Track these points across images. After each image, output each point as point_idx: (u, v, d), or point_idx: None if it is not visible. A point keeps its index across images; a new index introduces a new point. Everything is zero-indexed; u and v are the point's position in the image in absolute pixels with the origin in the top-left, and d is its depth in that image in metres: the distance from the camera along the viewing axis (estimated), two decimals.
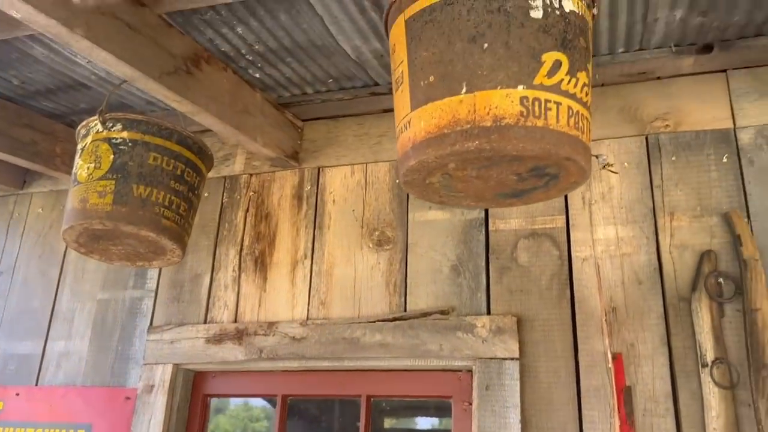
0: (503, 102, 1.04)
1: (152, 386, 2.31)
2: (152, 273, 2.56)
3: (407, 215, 2.31)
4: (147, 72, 1.83)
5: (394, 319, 2.14)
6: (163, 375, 2.31)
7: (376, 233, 2.32)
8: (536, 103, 1.03)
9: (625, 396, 1.84)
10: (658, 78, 2.17)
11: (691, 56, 2.06)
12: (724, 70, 2.12)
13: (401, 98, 1.18)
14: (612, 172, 1.96)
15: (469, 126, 1.02)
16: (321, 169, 2.49)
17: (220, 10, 1.89)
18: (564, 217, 2.13)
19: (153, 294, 2.52)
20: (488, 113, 1.03)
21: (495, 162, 1.09)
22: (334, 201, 2.42)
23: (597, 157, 1.60)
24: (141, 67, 1.81)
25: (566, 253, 2.08)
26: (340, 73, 2.26)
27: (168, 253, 2.08)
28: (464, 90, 1.05)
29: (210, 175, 2.55)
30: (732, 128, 2.05)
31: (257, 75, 2.26)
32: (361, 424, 2.14)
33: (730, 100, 2.09)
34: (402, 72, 1.17)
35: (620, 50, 2.07)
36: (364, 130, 2.47)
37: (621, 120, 2.17)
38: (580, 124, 1.09)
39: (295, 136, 2.52)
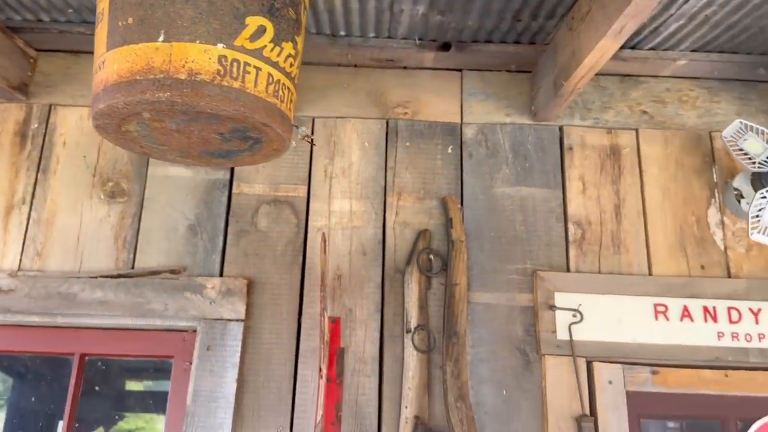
0: (201, 57, 1.04)
1: None
2: None
3: (147, 168, 2.20)
4: None
5: (119, 276, 2.04)
6: None
7: (110, 184, 2.18)
8: (235, 64, 1.05)
9: (338, 357, 1.98)
10: (404, 68, 2.34)
11: (432, 51, 2.25)
12: (460, 70, 2.35)
13: (100, 36, 1.11)
14: (310, 143, 2.09)
15: (162, 76, 1.00)
16: (53, 107, 2.25)
17: None
18: (306, 187, 2.20)
19: None
20: (184, 66, 1.02)
21: (193, 118, 1.08)
22: (64, 143, 2.21)
23: (297, 127, 1.67)
24: None
25: (304, 222, 2.16)
26: (81, 4, 2.06)
27: None
28: (162, 38, 1.03)
29: None
30: (459, 123, 2.29)
31: None
32: (71, 384, 2.01)
33: (461, 98, 2.32)
34: (104, 8, 1.10)
35: (371, 35, 2.19)
36: None
37: (368, 102, 2.30)
38: (281, 93, 1.13)
39: (25, 66, 2.24)
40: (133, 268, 2.07)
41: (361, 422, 1.95)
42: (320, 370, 1.67)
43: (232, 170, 2.20)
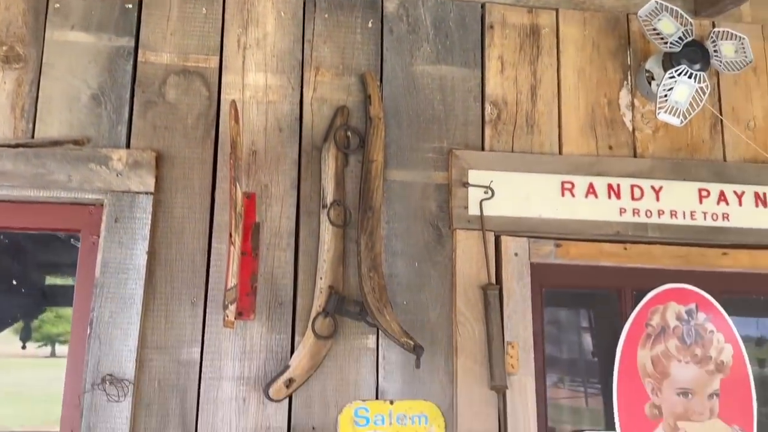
0: None
1: None
2: None
3: (44, 32, 2.04)
4: None
5: (17, 146, 1.92)
6: None
7: (4, 48, 2.02)
8: None
9: (253, 231, 1.97)
10: None
11: None
12: None
13: None
14: None
15: None
16: None
17: None
18: (218, 58, 2.11)
19: None
20: None
21: None
22: None
23: None
24: None
25: (216, 95, 2.08)
26: None
27: None
28: None
29: None
30: None
31: None
32: None
33: None
34: None
35: None
36: None
37: None
38: None
39: None
40: (33, 137, 1.96)
41: (276, 293, 1.98)
42: (230, 236, 1.66)
43: (137, 38, 2.07)
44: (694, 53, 2.09)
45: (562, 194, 2.14)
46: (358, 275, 1.95)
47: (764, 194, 2.20)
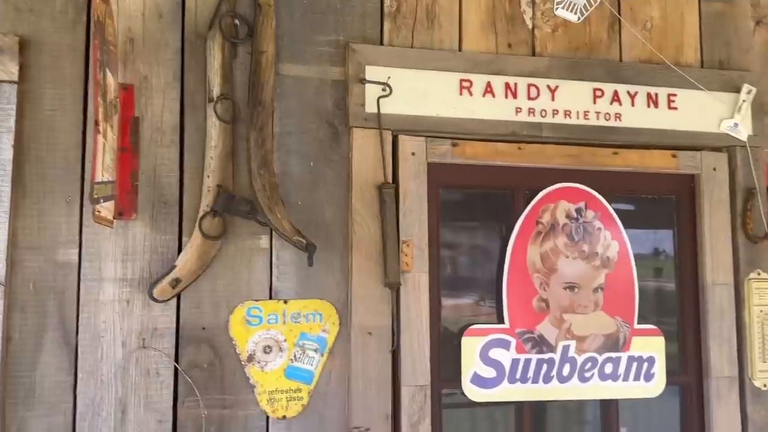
0: None
1: None
2: None
3: None
4: None
5: None
6: None
7: None
8: None
9: (132, 126, 1.84)
10: None
11: None
12: None
13: None
14: None
15: None
16: None
17: None
18: None
19: None
20: None
21: None
22: None
23: None
24: None
25: None
26: None
27: None
28: None
29: None
30: None
31: None
32: None
33: None
34: None
35: None
36: None
37: None
38: None
39: None
40: None
41: (161, 191, 1.88)
42: (96, 124, 1.53)
43: None
44: None
45: (461, 93, 2.10)
46: (247, 173, 1.87)
47: (656, 95, 2.25)
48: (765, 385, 2.25)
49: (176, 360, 1.85)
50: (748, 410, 2.23)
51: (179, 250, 1.87)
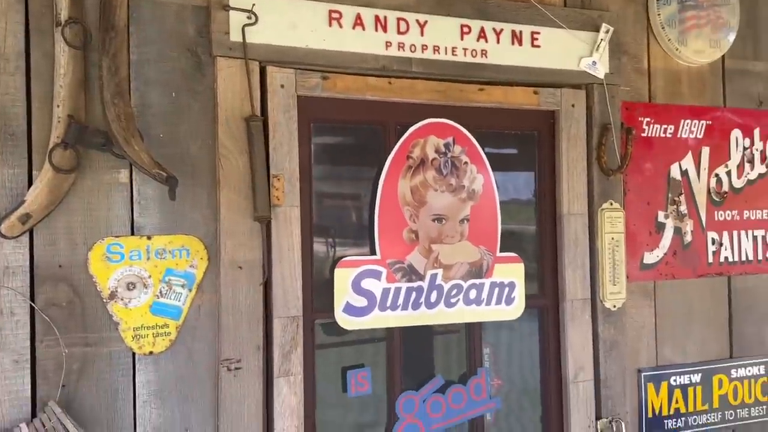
0: None
1: None
2: None
3: None
4: None
5: None
6: None
7: None
8: None
9: None
10: None
11: None
12: None
13: None
14: None
15: None
16: None
17: None
18: None
19: None
20: None
21: None
22: None
23: None
24: None
25: None
26: None
27: None
28: None
29: None
30: None
31: None
32: None
33: None
34: None
35: None
36: None
37: None
38: None
39: None
40: None
41: (6, 123, 1.75)
42: None
43: None
44: None
45: (330, 24, 2.08)
46: (101, 103, 1.78)
47: (520, 32, 2.32)
48: (614, 306, 2.46)
49: (32, 299, 1.78)
50: (599, 329, 2.45)
51: (30, 185, 1.77)
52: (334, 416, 2.19)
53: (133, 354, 1.88)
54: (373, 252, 2.20)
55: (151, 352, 1.89)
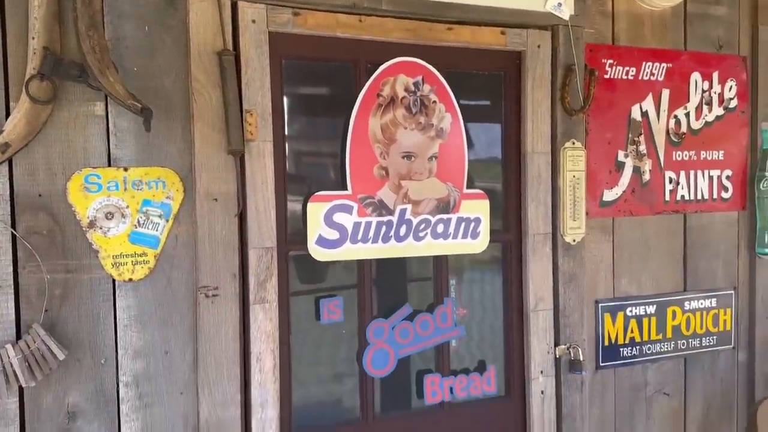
0: None
1: None
2: None
3: None
4: None
5: None
6: None
7: None
8: None
9: None
10: None
11: None
12: None
13: None
14: None
15: None
16: None
17: None
18: None
19: None
20: None
21: None
22: None
23: None
24: None
25: None
26: None
27: None
28: None
29: None
30: None
31: None
32: None
33: None
34: None
35: None
36: None
37: None
38: None
39: None
40: None
41: None
42: None
43: None
44: None
45: None
46: (75, 35, 1.81)
47: None
48: (574, 241, 2.59)
49: (13, 227, 1.84)
50: (559, 262, 2.58)
51: (7, 116, 1.81)
52: (308, 341, 2.31)
53: (113, 281, 1.97)
54: (344, 187, 2.29)
55: (130, 279, 1.98)
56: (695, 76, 2.85)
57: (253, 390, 2.13)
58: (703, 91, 2.87)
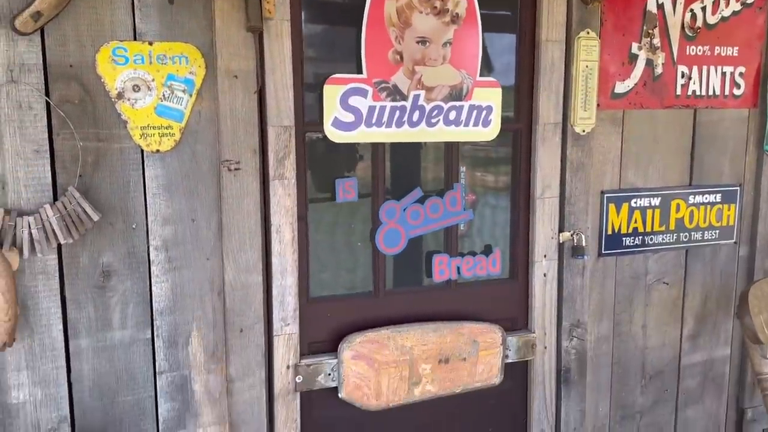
0: None
1: None
2: None
3: None
4: None
5: None
6: None
7: None
8: None
9: None
10: None
11: None
12: None
13: None
14: None
15: None
16: None
17: None
18: None
19: None
20: None
21: None
22: None
23: None
24: None
25: None
26: None
27: None
28: None
29: None
30: None
31: None
32: None
33: None
34: None
35: None
36: None
37: None
38: None
39: None
40: None
41: None
42: None
43: None
44: None
45: None
46: None
47: None
48: (583, 131, 2.66)
49: (47, 95, 1.95)
50: (567, 152, 2.65)
51: None
52: (325, 219, 2.45)
53: (142, 151, 2.09)
54: (360, 71, 2.35)
55: (158, 150, 2.10)
56: None
57: (273, 258, 2.29)
58: None
